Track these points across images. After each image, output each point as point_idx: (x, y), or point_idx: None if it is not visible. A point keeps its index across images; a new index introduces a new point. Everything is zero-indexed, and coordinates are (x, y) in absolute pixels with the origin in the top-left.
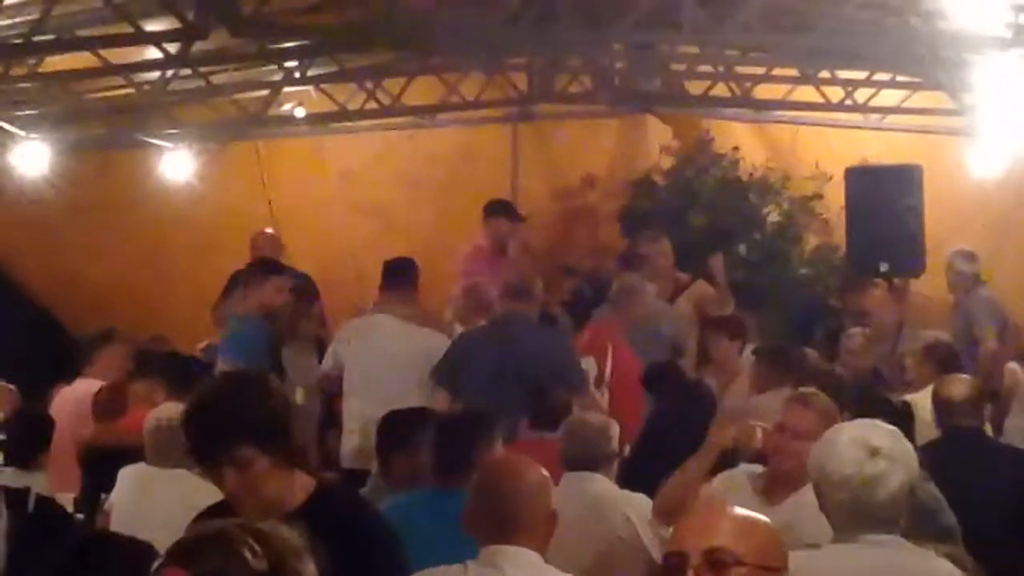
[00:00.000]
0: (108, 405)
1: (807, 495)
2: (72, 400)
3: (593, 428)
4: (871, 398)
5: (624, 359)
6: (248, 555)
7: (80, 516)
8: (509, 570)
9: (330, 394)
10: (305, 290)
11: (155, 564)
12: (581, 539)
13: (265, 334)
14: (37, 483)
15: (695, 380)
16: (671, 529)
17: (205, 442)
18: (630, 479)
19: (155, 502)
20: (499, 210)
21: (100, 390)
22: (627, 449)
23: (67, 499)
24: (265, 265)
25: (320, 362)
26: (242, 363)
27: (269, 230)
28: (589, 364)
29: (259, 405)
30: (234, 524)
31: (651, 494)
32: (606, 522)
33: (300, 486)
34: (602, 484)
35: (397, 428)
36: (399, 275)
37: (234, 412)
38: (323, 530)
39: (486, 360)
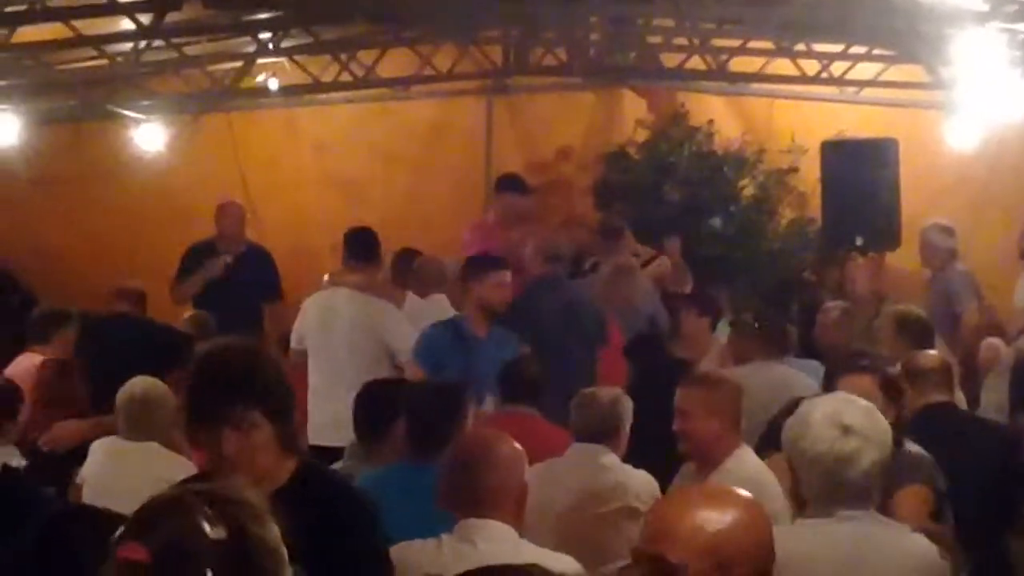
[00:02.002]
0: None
1: (720, 473)
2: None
3: (604, 401)
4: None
5: (611, 336)
6: (205, 524)
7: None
8: (482, 544)
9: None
10: None
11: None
12: (587, 508)
13: (458, 335)
14: (8, 455)
15: (673, 354)
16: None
17: (213, 396)
18: None
19: (127, 475)
20: (508, 185)
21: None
22: None
23: None
24: (482, 260)
25: None
26: (431, 371)
27: (234, 200)
28: None
29: (273, 375)
30: (190, 491)
31: (629, 462)
32: (615, 492)
33: (284, 466)
34: (610, 456)
35: (392, 398)
36: (355, 246)
37: (249, 373)
38: (307, 509)
39: (551, 310)
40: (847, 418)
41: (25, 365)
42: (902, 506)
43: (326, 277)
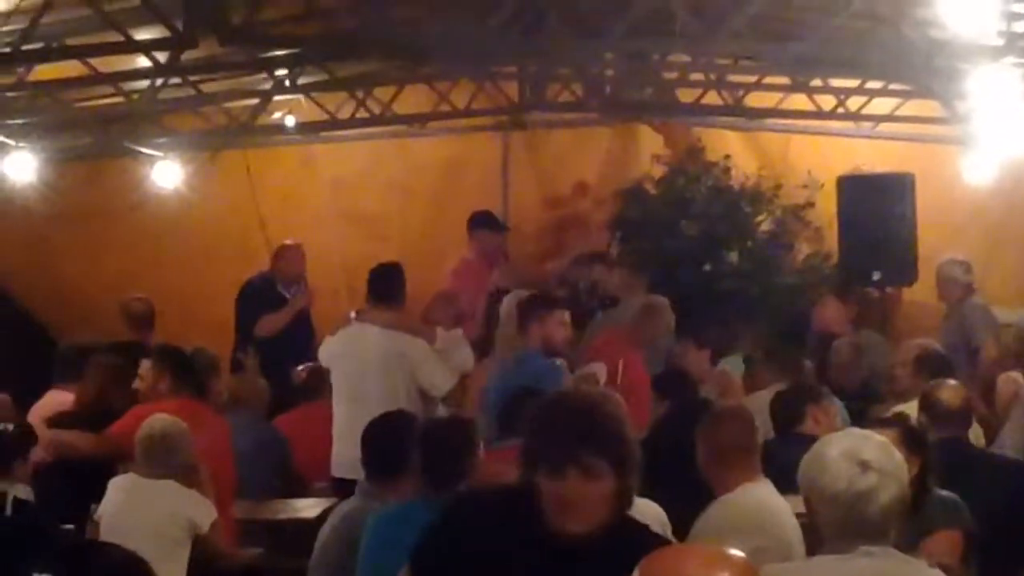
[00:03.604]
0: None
1: (716, 504)
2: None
3: None
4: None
5: (635, 372)
6: None
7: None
8: None
9: None
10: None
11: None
12: None
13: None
14: (17, 493)
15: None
16: None
17: (566, 437)
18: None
19: (144, 512)
20: (482, 223)
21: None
22: None
23: None
24: (540, 300)
25: None
26: None
27: (289, 241)
28: (599, 368)
29: (615, 427)
30: None
31: (654, 496)
32: None
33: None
34: None
35: (403, 433)
36: (381, 283)
37: (591, 419)
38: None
39: None
40: (865, 454)
41: (52, 404)
42: (933, 552)
43: (352, 314)
